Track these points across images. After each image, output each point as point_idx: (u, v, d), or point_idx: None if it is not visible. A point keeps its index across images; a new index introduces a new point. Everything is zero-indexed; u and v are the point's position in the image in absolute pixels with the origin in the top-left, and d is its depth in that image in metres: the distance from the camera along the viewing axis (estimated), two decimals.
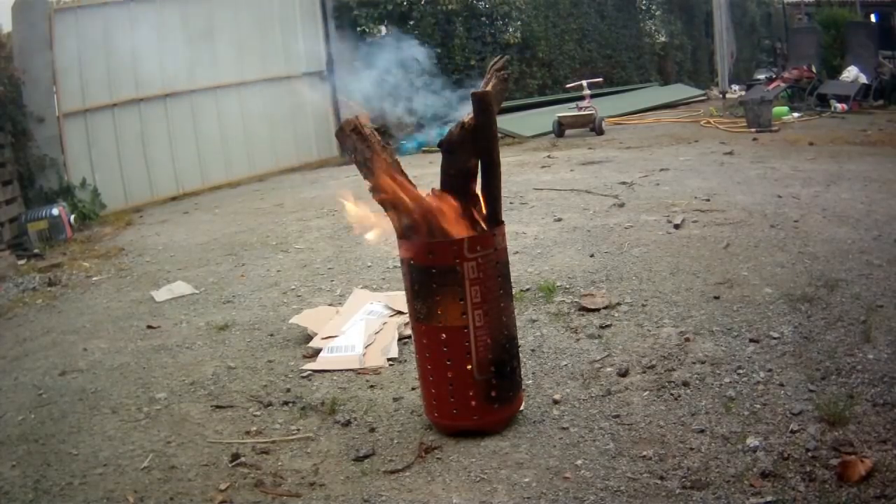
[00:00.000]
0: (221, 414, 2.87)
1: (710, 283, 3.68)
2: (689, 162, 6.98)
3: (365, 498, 2.23)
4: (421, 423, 2.66)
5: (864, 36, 11.33)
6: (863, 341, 2.89)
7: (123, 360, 3.51)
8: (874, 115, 9.62)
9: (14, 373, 3.50)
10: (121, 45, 7.99)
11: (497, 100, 2.56)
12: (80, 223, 7.03)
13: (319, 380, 3.11)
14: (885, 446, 2.19)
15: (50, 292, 4.88)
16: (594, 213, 5.27)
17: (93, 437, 2.76)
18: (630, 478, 2.19)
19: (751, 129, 8.78)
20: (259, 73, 9.26)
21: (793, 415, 2.42)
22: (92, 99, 7.80)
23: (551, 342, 3.21)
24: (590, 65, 12.64)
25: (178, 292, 4.52)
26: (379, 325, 3.47)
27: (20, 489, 2.44)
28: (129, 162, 8.13)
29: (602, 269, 4.02)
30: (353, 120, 2.50)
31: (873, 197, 5.08)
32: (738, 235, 4.38)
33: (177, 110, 8.55)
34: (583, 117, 9.57)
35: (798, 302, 3.32)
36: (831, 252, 3.95)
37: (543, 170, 7.31)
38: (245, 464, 2.48)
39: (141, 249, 5.85)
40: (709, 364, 2.85)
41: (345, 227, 5.73)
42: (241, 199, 7.72)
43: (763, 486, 2.08)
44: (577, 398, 2.72)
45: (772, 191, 5.44)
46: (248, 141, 9.20)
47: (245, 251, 5.40)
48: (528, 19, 11.62)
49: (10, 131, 6.90)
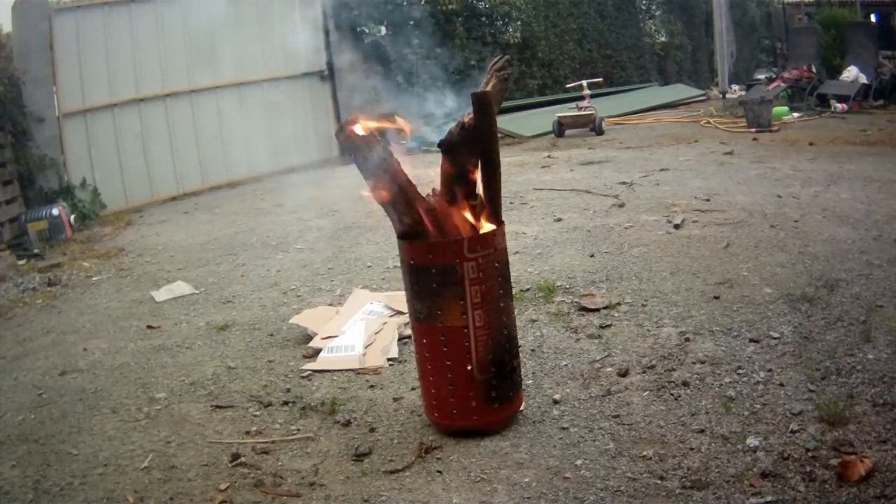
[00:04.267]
0: (221, 414, 2.87)
1: (710, 283, 3.68)
2: (688, 162, 6.98)
3: (365, 498, 2.23)
4: (421, 423, 2.66)
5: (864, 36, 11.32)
6: (863, 341, 2.89)
7: (123, 360, 3.51)
8: (874, 115, 9.61)
9: (14, 373, 3.50)
10: (121, 45, 8.00)
11: (497, 100, 2.56)
12: (80, 223, 7.03)
13: (319, 380, 3.11)
14: (885, 446, 2.19)
15: (50, 292, 4.88)
16: (594, 213, 5.27)
17: (93, 437, 2.76)
18: (630, 478, 2.19)
19: (751, 129, 8.78)
20: (259, 72, 9.26)
21: (793, 415, 2.42)
22: (92, 99, 7.79)
23: (551, 342, 3.21)
24: (590, 65, 12.63)
25: (178, 292, 4.52)
26: (379, 325, 3.47)
27: (20, 489, 2.44)
28: (129, 162, 8.13)
29: (602, 269, 4.02)
30: (353, 120, 2.49)
31: (873, 197, 5.08)
32: (738, 235, 4.38)
33: (177, 110, 8.55)
34: (583, 117, 9.57)
35: (798, 302, 3.32)
36: (831, 252, 3.95)
37: (543, 170, 7.31)
38: (245, 464, 2.48)
39: (141, 249, 5.85)
40: (709, 364, 2.85)
41: (345, 227, 5.74)
42: (241, 199, 7.72)
43: (763, 486, 2.08)
44: (577, 398, 2.72)
45: (772, 191, 5.43)
46: (248, 141, 9.19)
47: (245, 251, 5.40)
48: (528, 19, 11.62)
49: (10, 131, 6.90)
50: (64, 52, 7.48)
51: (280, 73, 9.52)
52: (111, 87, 7.96)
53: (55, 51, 7.38)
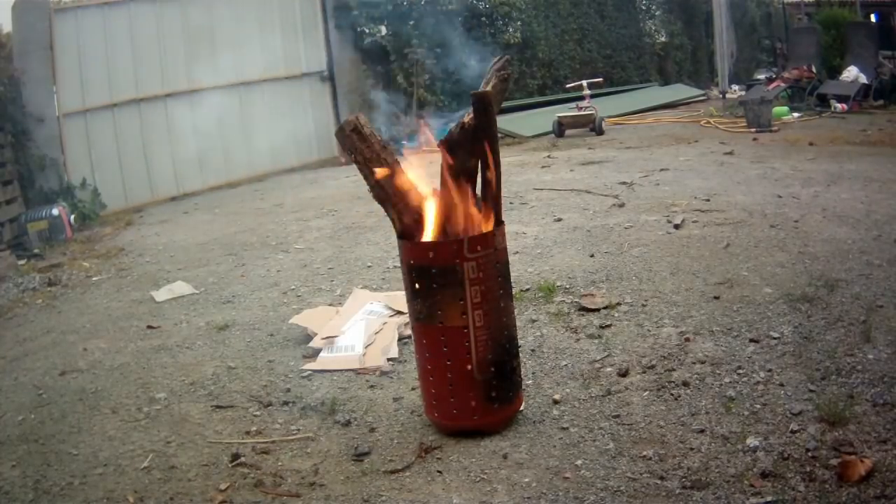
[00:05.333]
0: (221, 414, 2.87)
1: (710, 283, 3.68)
2: (689, 162, 6.98)
3: (365, 498, 2.23)
4: (421, 423, 2.66)
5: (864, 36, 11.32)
6: (863, 341, 2.89)
7: (123, 360, 3.51)
8: (874, 115, 9.61)
9: (14, 373, 3.50)
10: (121, 45, 8.01)
11: (497, 100, 2.56)
12: (80, 223, 7.04)
13: (319, 380, 3.11)
14: (885, 446, 2.19)
15: (50, 292, 4.88)
16: (594, 213, 5.27)
17: (93, 437, 2.76)
18: (630, 478, 2.19)
19: (751, 129, 8.78)
20: (259, 73, 9.27)
21: (793, 415, 2.42)
22: (92, 99, 7.80)
23: (551, 342, 3.21)
24: (590, 65, 12.63)
25: (178, 292, 4.52)
26: (379, 325, 3.46)
27: (20, 489, 2.44)
28: (129, 162, 8.14)
29: (602, 269, 4.02)
30: (353, 120, 2.49)
31: (873, 197, 5.08)
32: (738, 235, 4.38)
33: (177, 110, 8.55)
34: (583, 117, 9.57)
35: (798, 302, 3.32)
36: (831, 252, 3.95)
37: (543, 170, 7.31)
38: (245, 464, 2.48)
39: (141, 249, 5.85)
40: (709, 364, 2.85)
41: (345, 227, 5.74)
42: (240, 199, 7.72)
43: (763, 486, 2.08)
44: (577, 398, 2.72)
45: (772, 191, 5.43)
46: (247, 141, 9.20)
47: (245, 251, 5.40)
48: (528, 19, 11.62)
49: (10, 131, 6.91)
50: (64, 52, 7.49)
51: (280, 74, 9.53)
52: (111, 87, 7.97)
53: (55, 51, 7.39)
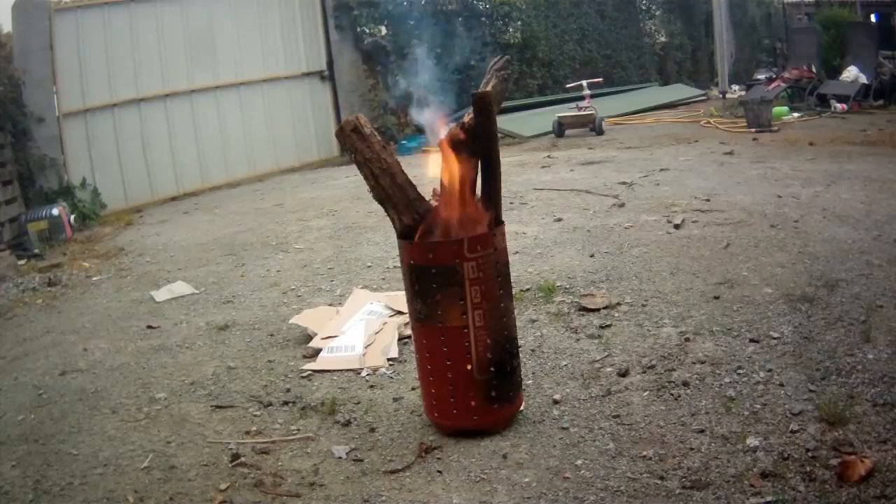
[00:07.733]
0: (221, 414, 2.87)
1: (710, 283, 3.68)
2: (689, 162, 6.98)
3: (365, 498, 2.23)
4: (421, 423, 2.66)
5: (864, 36, 11.33)
6: (863, 341, 2.89)
7: (123, 360, 3.51)
8: (874, 115, 9.61)
9: (14, 373, 3.50)
10: (121, 45, 8.01)
11: (497, 100, 2.56)
12: (80, 223, 7.03)
13: (319, 380, 3.11)
14: (885, 446, 2.19)
15: (50, 292, 4.88)
16: (594, 213, 5.27)
17: (93, 437, 2.76)
18: (630, 478, 2.19)
19: (751, 129, 8.78)
20: (259, 73, 9.27)
21: (793, 415, 2.42)
22: (92, 99, 7.80)
23: (551, 342, 3.21)
24: (590, 65, 12.63)
25: (178, 292, 4.52)
26: (379, 325, 3.46)
27: (20, 489, 2.44)
28: (129, 162, 8.14)
29: (602, 269, 4.02)
30: (353, 120, 2.49)
31: (873, 197, 5.08)
32: (738, 235, 4.38)
33: (177, 110, 8.55)
34: (583, 117, 9.57)
35: (798, 302, 3.32)
36: (831, 252, 3.95)
37: (543, 170, 7.31)
38: (245, 464, 2.48)
39: (141, 249, 5.85)
40: (709, 364, 2.85)
41: (345, 227, 5.74)
42: (241, 199, 7.72)
43: (763, 486, 2.08)
44: (577, 398, 2.72)
45: (772, 191, 5.43)
46: (248, 141, 9.21)
47: (245, 251, 5.40)
48: (528, 19, 11.62)
49: (10, 131, 6.90)
50: (64, 52, 7.49)
51: (280, 74, 9.53)
52: (111, 87, 7.97)
53: (55, 51, 7.38)
